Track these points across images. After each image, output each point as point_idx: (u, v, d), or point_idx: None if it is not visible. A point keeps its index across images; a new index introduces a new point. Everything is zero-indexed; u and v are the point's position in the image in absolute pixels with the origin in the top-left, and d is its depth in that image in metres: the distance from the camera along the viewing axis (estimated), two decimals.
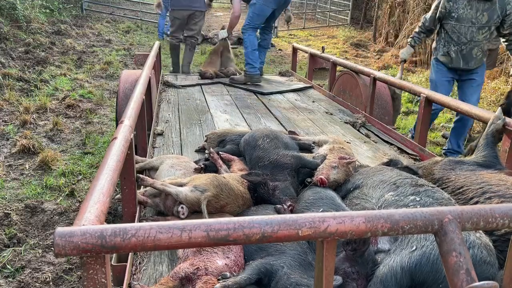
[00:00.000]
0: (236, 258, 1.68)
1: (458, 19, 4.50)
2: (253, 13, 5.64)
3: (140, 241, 1.01)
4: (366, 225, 1.11)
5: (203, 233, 1.04)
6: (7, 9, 9.71)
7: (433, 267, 1.45)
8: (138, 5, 17.70)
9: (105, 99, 7.06)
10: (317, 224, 1.10)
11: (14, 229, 3.45)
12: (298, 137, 3.12)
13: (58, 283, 3.01)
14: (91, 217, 1.11)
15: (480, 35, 4.48)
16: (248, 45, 5.73)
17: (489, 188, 1.95)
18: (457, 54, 4.61)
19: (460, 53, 4.60)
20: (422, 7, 10.90)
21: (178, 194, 2.05)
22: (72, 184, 4.26)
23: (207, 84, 5.78)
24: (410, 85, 3.82)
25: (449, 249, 1.09)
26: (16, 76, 7.29)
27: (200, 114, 4.33)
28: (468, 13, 4.43)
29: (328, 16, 18.79)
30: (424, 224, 1.13)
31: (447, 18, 4.58)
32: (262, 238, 1.07)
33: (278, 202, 2.18)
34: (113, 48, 10.94)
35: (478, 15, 4.40)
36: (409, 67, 10.73)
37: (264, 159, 2.45)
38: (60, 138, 5.39)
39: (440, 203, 1.80)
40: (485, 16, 4.40)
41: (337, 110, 4.76)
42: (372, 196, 2.01)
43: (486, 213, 1.17)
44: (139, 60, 5.96)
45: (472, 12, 4.42)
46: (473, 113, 2.92)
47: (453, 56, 4.65)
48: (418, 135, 3.52)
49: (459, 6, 4.47)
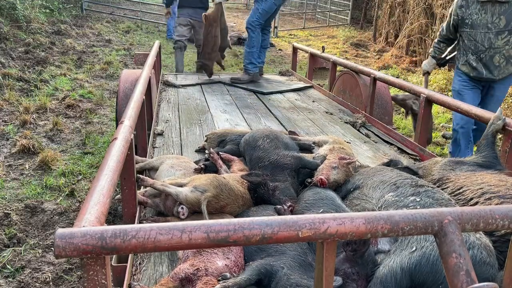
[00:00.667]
0: (236, 258, 1.68)
1: (472, 25, 4.14)
2: (264, 10, 5.59)
3: (140, 242, 1.01)
4: (366, 226, 1.12)
5: (203, 235, 1.04)
6: (7, 9, 9.71)
7: (433, 268, 1.45)
8: (138, 5, 17.68)
9: (105, 99, 7.06)
10: (317, 225, 1.10)
11: (14, 229, 3.45)
12: (298, 137, 3.12)
13: (58, 283, 3.02)
14: (91, 218, 1.12)
15: (500, 41, 4.08)
16: (255, 44, 5.73)
17: (489, 189, 1.94)
18: (477, 63, 4.22)
19: (480, 62, 4.20)
20: (422, 7, 10.90)
21: (178, 195, 2.05)
22: (72, 184, 4.26)
23: (207, 84, 5.78)
24: (410, 85, 3.82)
25: (449, 250, 1.09)
26: (16, 76, 7.29)
27: (200, 114, 4.33)
28: (483, 18, 4.08)
29: (328, 16, 18.78)
30: (424, 225, 1.13)
31: (462, 25, 4.25)
32: (262, 240, 1.07)
33: (278, 202, 2.18)
34: (113, 48, 10.94)
35: (495, 19, 4.03)
36: (409, 67, 10.73)
37: (264, 159, 2.46)
38: (60, 138, 5.39)
39: (440, 203, 1.80)
40: (503, 19, 4.01)
41: (337, 110, 4.76)
42: (372, 197, 2.01)
43: (486, 215, 1.17)
44: (139, 60, 5.96)
45: (487, 17, 4.05)
46: (473, 113, 2.92)
47: (474, 65, 4.25)
48: (418, 135, 3.52)
49: (472, 11, 4.13)
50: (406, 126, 6.61)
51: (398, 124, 6.66)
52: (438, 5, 10.37)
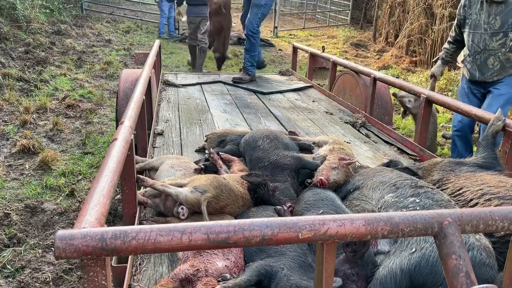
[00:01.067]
0: (236, 259, 1.68)
1: (471, 26, 4.03)
2: (263, 14, 5.74)
3: (141, 243, 1.02)
4: (366, 227, 1.12)
5: (204, 236, 1.04)
6: (7, 9, 9.71)
7: (433, 269, 1.45)
8: (138, 5, 17.69)
9: (105, 99, 7.06)
10: (317, 226, 1.10)
11: (14, 229, 3.46)
12: (298, 137, 3.12)
13: (58, 283, 3.02)
14: (92, 219, 1.12)
15: (494, 43, 3.90)
16: (256, 48, 5.88)
17: (488, 190, 1.95)
18: (472, 64, 4.10)
19: (474, 64, 4.08)
20: (422, 7, 10.90)
21: (178, 195, 2.05)
22: (72, 184, 4.26)
23: (207, 83, 5.78)
24: (410, 86, 3.82)
25: (449, 252, 1.09)
26: (16, 76, 7.29)
27: (200, 113, 4.33)
28: (480, 19, 3.94)
29: (328, 16, 18.78)
30: (424, 227, 1.13)
31: (463, 25, 4.12)
32: (262, 241, 1.07)
33: (278, 203, 2.18)
34: (113, 48, 10.94)
35: (491, 20, 3.88)
36: (409, 67, 10.74)
37: (264, 159, 2.45)
38: (60, 138, 5.39)
39: (440, 204, 1.80)
40: (498, 20, 3.85)
41: (337, 110, 4.76)
42: (372, 198, 2.01)
43: (486, 216, 1.17)
44: (139, 59, 5.96)
45: (484, 17, 3.91)
46: (473, 114, 2.92)
47: (468, 67, 4.14)
48: (418, 136, 3.52)
49: (473, 11, 3.99)
50: (406, 126, 6.62)
51: (398, 124, 6.67)
52: (438, 5, 10.37)
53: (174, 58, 10.56)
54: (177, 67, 9.54)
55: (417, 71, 10.27)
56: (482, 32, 3.95)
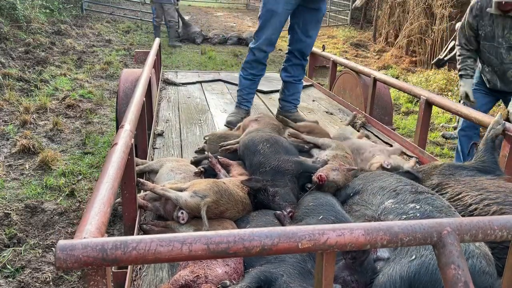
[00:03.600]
0: (236, 266, 1.69)
1: (485, 37, 3.89)
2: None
3: (141, 254, 1.02)
4: (366, 237, 1.12)
5: (204, 246, 1.04)
6: (7, 9, 9.70)
7: (432, 277, 1.45)
8: (138, 5, 17.64)
9: (105, 99, 7.06)
10: (316, 236, 1.10)
11: (14, 229, 3.46)
12: (301, 135, 3.04)
13: (58, 283, 3.03)
14: (92, 229, 1.12)
15: (511, 56, 3.82)
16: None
17: (488, 195, 1.95)
18: (492, 75, 4.02)
19: (495, 74, 3.99)
20: (422, 7, 10.89)
21: (178, 200, 2.05)
22: (72, 184, 4.27)
23: (207, 82, 5.78)
24: (410, 87, 3.81)
25: (448, 261, 1.10)
26: (16, 76, 7.29)
27: (200, 113, 4.32)
28: (494, 32, 3.80)
29: (328, 16, 18.73)
30: (423, 236, 1.14)
31: (478, 35, 3.98)
32: (262, 251, 1.07)
33: (278, 208, 2.17)
34: (113, 48, 10.93)
35: (506, 33, 3.74)
36: (409, 67, 10.73)
37: (265, 165, 2.42)
38: (60, 138, 5.39)
39: (440, 211, 1.80)
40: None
41: (337, 109, 4.76)
42: (372, 203, 2.01)
43: (485, 225, 1.18)
44: (139, 58, 5.96)
45: (498, 31, 3.77)
46: (472, 117, 2.91)
47: (489, 77, 4.07)
48: (417, 137, 3.51)
49: (486, 23, 3.84)
50: (406, 127, 6.63)
51: (398, 124, 6.67)
52: (438, 5, 10.37)
53: (174, 58, 10.55)
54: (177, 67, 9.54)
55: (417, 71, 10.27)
56: (497, 46, 3.84)
